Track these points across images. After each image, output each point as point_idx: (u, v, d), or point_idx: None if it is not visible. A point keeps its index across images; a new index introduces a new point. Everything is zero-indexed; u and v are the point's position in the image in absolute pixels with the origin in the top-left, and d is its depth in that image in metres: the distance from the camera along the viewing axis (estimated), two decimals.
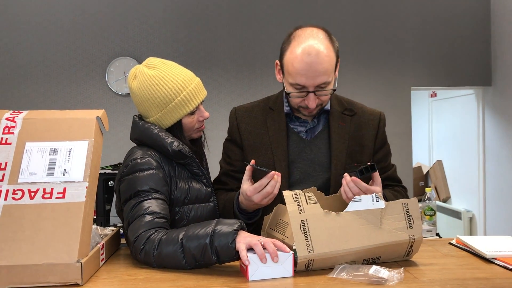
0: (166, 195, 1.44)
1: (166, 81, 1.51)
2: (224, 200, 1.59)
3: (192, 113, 1.56)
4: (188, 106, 1.53)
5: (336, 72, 1.55)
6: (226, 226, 1.24)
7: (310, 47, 1.45)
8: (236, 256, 1.21)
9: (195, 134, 1.62)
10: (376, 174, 1.45)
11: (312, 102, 1.50)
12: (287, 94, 1.55)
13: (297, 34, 1.51)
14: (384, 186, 1.62)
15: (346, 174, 1.41)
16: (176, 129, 1.56)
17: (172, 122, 1.54)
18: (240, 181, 1.53)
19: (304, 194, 1.25)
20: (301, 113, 1.59)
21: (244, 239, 1.21)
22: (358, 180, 1.38)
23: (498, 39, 4.63)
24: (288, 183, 1.57)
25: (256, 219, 1.54)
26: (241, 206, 1.50)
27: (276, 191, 1.40)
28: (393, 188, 1.65)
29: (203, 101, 1.60)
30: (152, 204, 1.37)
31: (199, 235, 1.24)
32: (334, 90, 1.53)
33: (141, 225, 1.32)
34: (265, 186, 1.39)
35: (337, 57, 1.53)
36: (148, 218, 1.33)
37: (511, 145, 4.46)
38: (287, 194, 1.24)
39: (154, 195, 1.39)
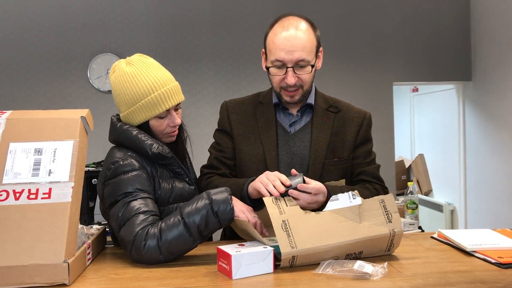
0: (152, 194, 1.45)
1: (137, 80, 1.49)
2: (230, 183, 1.57)
3: (161, 117, 1.52)
4: (155, 108, 1.49)
5: (319, 62, 1.65)
6: (218, 193, 1.36)
7: (290, 25, 1.56)
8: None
9: (165, 138, 1.58)
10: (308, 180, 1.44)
11: (290, 78, 1.56)
12: (268, 71, 1.61)
13: (279, 19, 1.62)
14: (357, 181, 1.67)
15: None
16: (145, 129, 1.53)
17: (139, 121, 1.52)
18: (230, 167, 1.68)
19: (284, 198, 1.31)
20: (283, 98, 1.64)
21: (239, 207, 1.38)
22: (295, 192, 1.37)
23: (478, 34, 4.71)
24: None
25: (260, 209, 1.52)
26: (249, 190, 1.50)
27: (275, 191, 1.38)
28: (363, 185, 1.65)
29: (179, 106, 1.58)
30: (142, 204, 1.37)
31: (198, 208, 1.33)
32: (313, 66, 1.59)
33: (136, 224, 1.32)
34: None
35: (319, 44, 1.62)
36: (141, 217, 1.33)
37: (490, 139, 4.55)
38: (267, 199, 1.29)
39: (141, 195, 1.39)
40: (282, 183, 1.37)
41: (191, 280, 1.17)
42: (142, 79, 1.49)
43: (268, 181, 1.39)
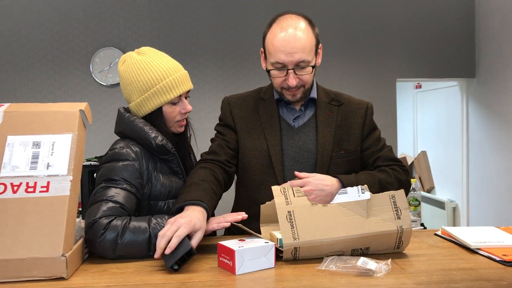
0: (137, 188, 1.43)
1: (151, 67, 1.51)
2: (190, 186, 1.45)
3: (173, 103, 1.55)
4: (169, 94, 1.52)
5: (319, 58, 1.63)
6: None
7: (288, 25, 1.54)
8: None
9: (175, 127, 1.59)
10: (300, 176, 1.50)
11: (292, 80, 1.55)
12: (269, 73, 1.60)
13: (277, 19, 1.60)
14: (376, 167, 1.67)
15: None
16: (156, 116, 1.54)
17: (151, 108, 1.53)
18: (230, 156, 1.64)
19: (292, 188, 1.28)
20: (285, 97, 1.64)
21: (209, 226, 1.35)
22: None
23: (482, 31, 4.68)
24: (282, 167, 1.62)
25: None
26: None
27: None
28: (380, 168, 1.65)
29: (188, 95, 1.60)
30: (120, 194, 1.36)
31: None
32: (314, 67, 1.58)
33: (103, 210, 1.29)
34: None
35: (318, 42, 1.60)
36: (110, 205, 1.32)
37: (494, 136, 4.52)
38: (275, 188, 1.27)
39: (124, 185, 1.39)
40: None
41: (193, 275, 1.15)
42: (156, 66, 1.52)
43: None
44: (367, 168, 1.69)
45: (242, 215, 1.35)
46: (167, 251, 1.18)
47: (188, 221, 1.23)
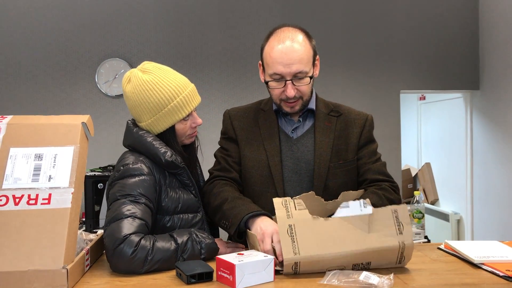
0: (153, 203, 1.43)
1: (160, 87, 1.50)
2: (239, 204, 1.50)
3: (185, 119, 1.55)
4: (181, 112, 1.53)
5: (316, 70, 1.63)
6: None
7: (285, 37, 1.56)
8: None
9: (187, 140, 1.61)
10: None
11: (290, 90, 1.56)
12: (267, 84, 1.61)
13: (274, 31, 1.63)
14: (364, 181, 1.65)
15: None
16: (169, 134, 1.55)
17: (164, 127, 1.54)
18: (238, 172, 1.67)
19: (294, 201, 1.27)
20: (284, 110, 1.64)
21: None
22: None
23: (486, 43, 4.68)
24: (282, 178, 1.62)
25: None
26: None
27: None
28: (369, 190, 1.60)
29: (196, 107, 1.60)
30: (141, 210, 1.36)
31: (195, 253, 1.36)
32: (311, 78, 1.59)
33: (133, 226, 1.29)
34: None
35: (315, 53, 1.62)
36: (137, 222, 1.32)
37: (498, 148, 4.50)
38: (276, 201, 1.26)
39: (143, 201, 1.39)
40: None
41: None
42: (165, 85, 1.51)
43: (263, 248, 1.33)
44: (356, 178, 1.67)
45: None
46: (280, 258, 1.25)
47: (275, 227, 1.32)
